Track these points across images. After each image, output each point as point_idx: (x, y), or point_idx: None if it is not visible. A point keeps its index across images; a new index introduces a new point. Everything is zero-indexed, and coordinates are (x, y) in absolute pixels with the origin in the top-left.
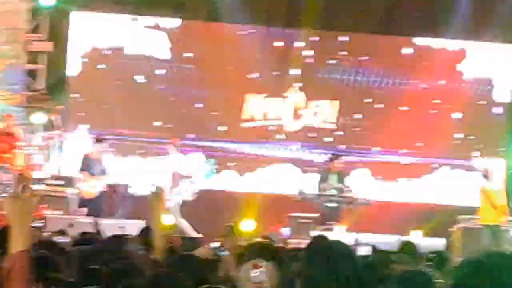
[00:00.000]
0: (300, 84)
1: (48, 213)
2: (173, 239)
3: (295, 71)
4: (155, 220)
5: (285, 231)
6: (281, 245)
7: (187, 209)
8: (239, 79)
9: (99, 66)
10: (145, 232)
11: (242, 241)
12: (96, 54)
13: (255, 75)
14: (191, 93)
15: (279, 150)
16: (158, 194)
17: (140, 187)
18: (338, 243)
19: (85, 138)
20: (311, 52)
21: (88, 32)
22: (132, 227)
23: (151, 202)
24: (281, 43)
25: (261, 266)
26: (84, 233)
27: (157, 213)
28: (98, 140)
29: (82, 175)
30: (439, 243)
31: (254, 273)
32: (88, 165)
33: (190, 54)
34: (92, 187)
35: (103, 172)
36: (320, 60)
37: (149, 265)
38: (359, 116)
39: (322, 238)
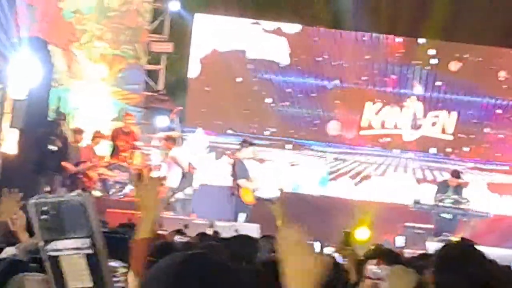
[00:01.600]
0: (418, 94)
1: (165, 213)
2: None
3: (414, 81)
4: (281, 224)
5: (399, 240)
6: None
7: (299, 214)
8: (359, 86)
9: (219, 69)
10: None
11: (358, 249)
12: (217, 57)
13: (374, 83)
14: (310, 101)
15: (395, 159)
16: (281, 199)
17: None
18: (471, 249)
19: (202, 140)
20: (434, 61)
21: (210, 34)
22: (246, 230)
23: (276, 206)
24: (401, 53)
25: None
26: (203, 234)
27: (281, 218)
28: (247, 144)
29: (241, 182)
30: None
31: (376, 269)
32: (242, 171)
33: (307, 59)
34: (251, 193)
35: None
36: (439, 70)
37: None
38: (477, 128)
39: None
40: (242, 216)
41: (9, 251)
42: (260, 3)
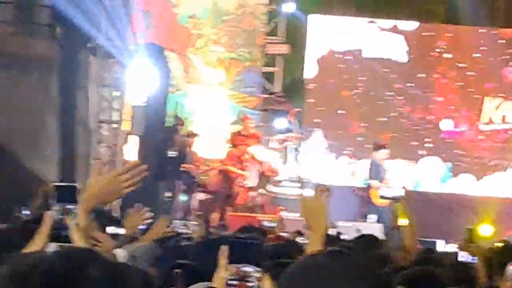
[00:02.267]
0: None
1: (285, 214)
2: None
3: None
4: (407, 223)
5: None
6: None
7: (421, 212)
8: (478, 81)
9: (336, 69)
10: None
11: (482, 245)
12: (333, 57)
13: (493, 79)
14: (426, 99)
15: None
16: (405, 199)
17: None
18: None
19: (320, 142)
20: None
21: (326, 35)
22: (369, 229)
23: (399, 206)
24: None
25: None
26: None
27: (407, 217)
28: (380, 147)
29: (373, 183)
30: None
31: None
32: (376, 172)
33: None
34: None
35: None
36: None
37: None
38: None
39: None
40: (372, 218)
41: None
42: (376, 2)
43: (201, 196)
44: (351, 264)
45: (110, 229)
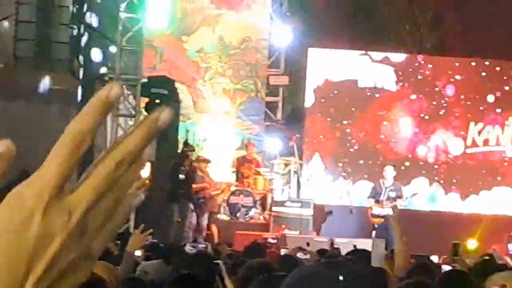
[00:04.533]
0: None
1: (287, 232)
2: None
3: None
4: (398, 239)
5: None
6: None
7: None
8: (466, 108)
9: (332, 98)
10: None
11: (467, 259)
12: (330, 87)
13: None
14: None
15: (501, 173)
16: (395, 215)
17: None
18: None
19: (319, 166)
20: None
21: (323, 66)
22: (363, 245)
23: (392, 221)
24: (499, 73)
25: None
26: (322, 250)
27: (399, 232)
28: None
29: (369, 202)
30: None
31: None
32: (375, 193)
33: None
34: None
35: (390, 199)
36: None
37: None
38: None
39: None
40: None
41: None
42: (368, 36)
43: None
44: (347, 273)
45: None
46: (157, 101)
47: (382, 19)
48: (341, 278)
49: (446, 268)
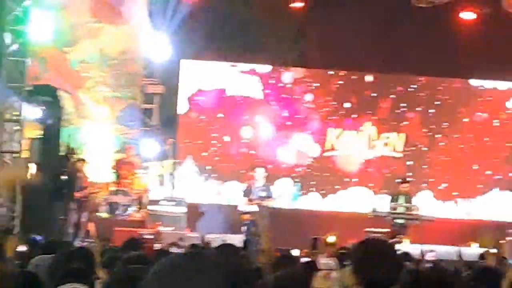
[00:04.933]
0: (372, 120)
1: (162, 228)
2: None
3: (369, 109)
4: (263, 231)
5: None
6: None
7: (277, 225)
8: (324, 114)
9: (203, 105)
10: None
11: (325, 252)
12: (201, 95)
13: (336, 110)
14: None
15: (356, 175)
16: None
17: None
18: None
19: (191, 167)
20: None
21: (195, 77)
22: (233, 239)
23: (258, 217)
24: (355, 86)
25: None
26: (194, 245)
27: (263, 226)
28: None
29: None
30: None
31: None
32: (246, 192)
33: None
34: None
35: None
36: (391, 98)
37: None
38: (423, 146)
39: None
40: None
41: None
42: (236, 49)
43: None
44: (205, 263)
45: None
46: (42, 107)
47: (250, 35)
48: (202, 267)
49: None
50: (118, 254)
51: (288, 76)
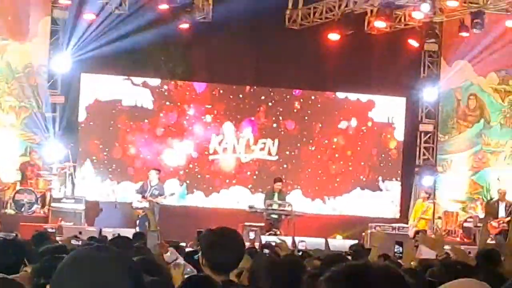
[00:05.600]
0: (250, 127)
1: (63, 223)
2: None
3: (248, 117)
4: (154, 226)
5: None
6: None
7: (166, 220)
8: (205, 123)
9: (100, 114)
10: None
11: None
12: (98, 105)
13: (218, 120)
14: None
15: (236, 175)
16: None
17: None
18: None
19: (90, 169)
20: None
21: (93, 88)
22: (125, 233)
23: (150, 213)
24: (236, 98)
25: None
26: (92, 237)
27: (153, 221)
28: (151, 170)
29: (136, 197)
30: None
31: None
32: (141, 190)
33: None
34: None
35: (153, 196)
36: (268, 108)
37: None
38: (294, 151)
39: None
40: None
41: None
42: (130, 64)
43: None
44: (111, 254)
45: None
46: None
47: (142, 51)
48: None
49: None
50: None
51: (176, 87)
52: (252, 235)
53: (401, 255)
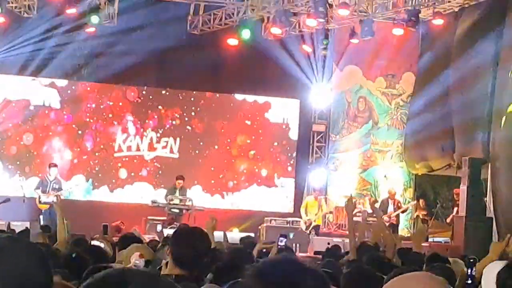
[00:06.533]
0: (153, 127)
1: None
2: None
3: (151, 117)
4: (60, 220)
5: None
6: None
7: (72, 214)
8: (111, 121)
9: (10, 114)
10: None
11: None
12: (8, 104)
13: (122, 118)
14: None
15: (139, 172)
16: (58, 203)
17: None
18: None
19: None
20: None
21: (3, 88)
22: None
23: (56, 206)
24: (140, 99)
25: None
26: (1, 230)
27: (60, 215)
28: (50, 166)
29: (37, 192)
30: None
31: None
32: (41, 185)
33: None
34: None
35: (54, 190)
36: (168, 109)
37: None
38: (195, 150)
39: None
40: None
41: None
42: (37, 65)
43: None
44: (26, 245)
45: None
46: None
47: (50, 53)
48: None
49: (95, 243)
50: None
51: (81, 88)
52: (159, 227)
53: (284, 246)
